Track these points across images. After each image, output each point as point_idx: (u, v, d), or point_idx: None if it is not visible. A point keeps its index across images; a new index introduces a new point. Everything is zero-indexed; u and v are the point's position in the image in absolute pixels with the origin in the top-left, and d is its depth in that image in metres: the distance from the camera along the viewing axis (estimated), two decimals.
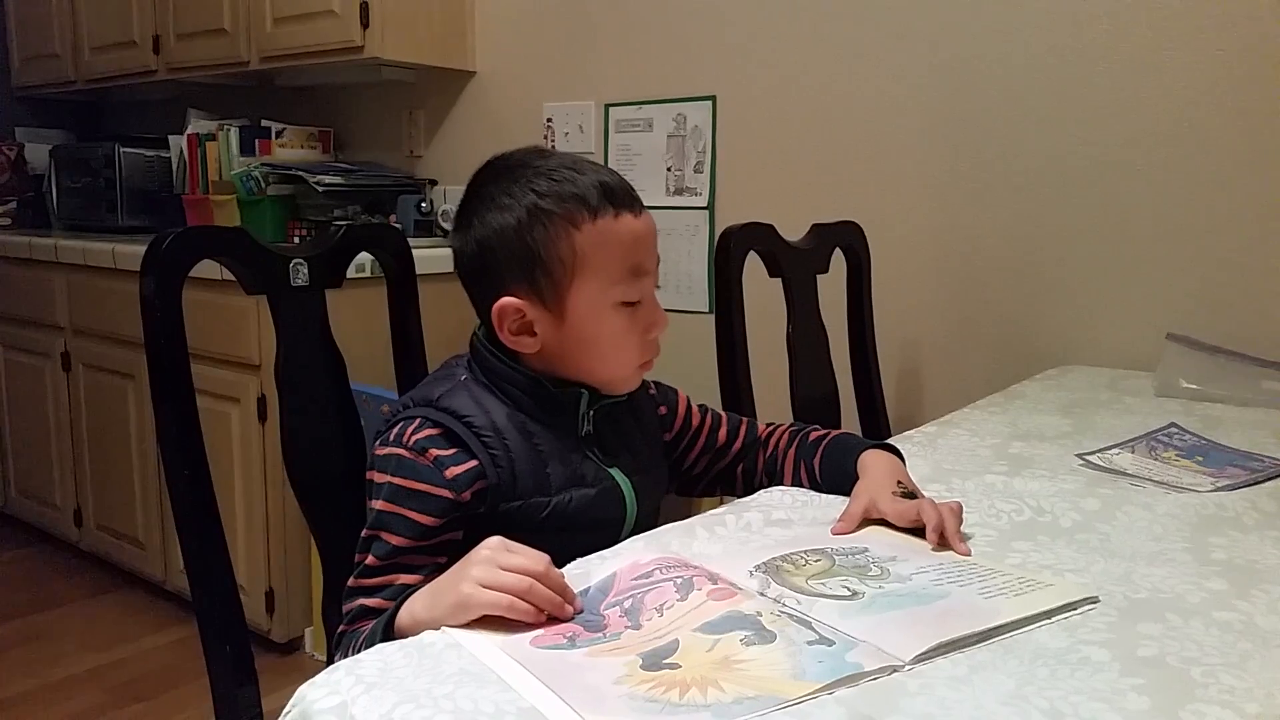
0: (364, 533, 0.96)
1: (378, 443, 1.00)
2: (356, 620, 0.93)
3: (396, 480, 0.95)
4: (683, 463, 1.20)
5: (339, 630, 0.95)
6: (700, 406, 1.22)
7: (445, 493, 0.94)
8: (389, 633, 0.82)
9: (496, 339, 1.02)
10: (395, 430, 0.98)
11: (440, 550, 0.95)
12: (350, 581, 0.96)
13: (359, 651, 0.85)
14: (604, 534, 1.00)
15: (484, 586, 0.77)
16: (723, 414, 1.23)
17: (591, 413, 1.04)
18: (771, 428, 1.22)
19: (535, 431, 1.00)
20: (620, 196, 1.00)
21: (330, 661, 0.95)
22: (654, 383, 1.19)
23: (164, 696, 2.24)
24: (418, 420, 0.98)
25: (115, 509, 2.81)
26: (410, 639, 0.75)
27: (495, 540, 0.81)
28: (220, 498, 1.10)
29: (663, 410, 1.18)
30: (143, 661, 2.41)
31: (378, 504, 0.95)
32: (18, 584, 2.88)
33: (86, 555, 2.98)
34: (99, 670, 2.37)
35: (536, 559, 0.79)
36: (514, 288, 1.00)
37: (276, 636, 2.39)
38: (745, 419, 1.23)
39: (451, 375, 1.04)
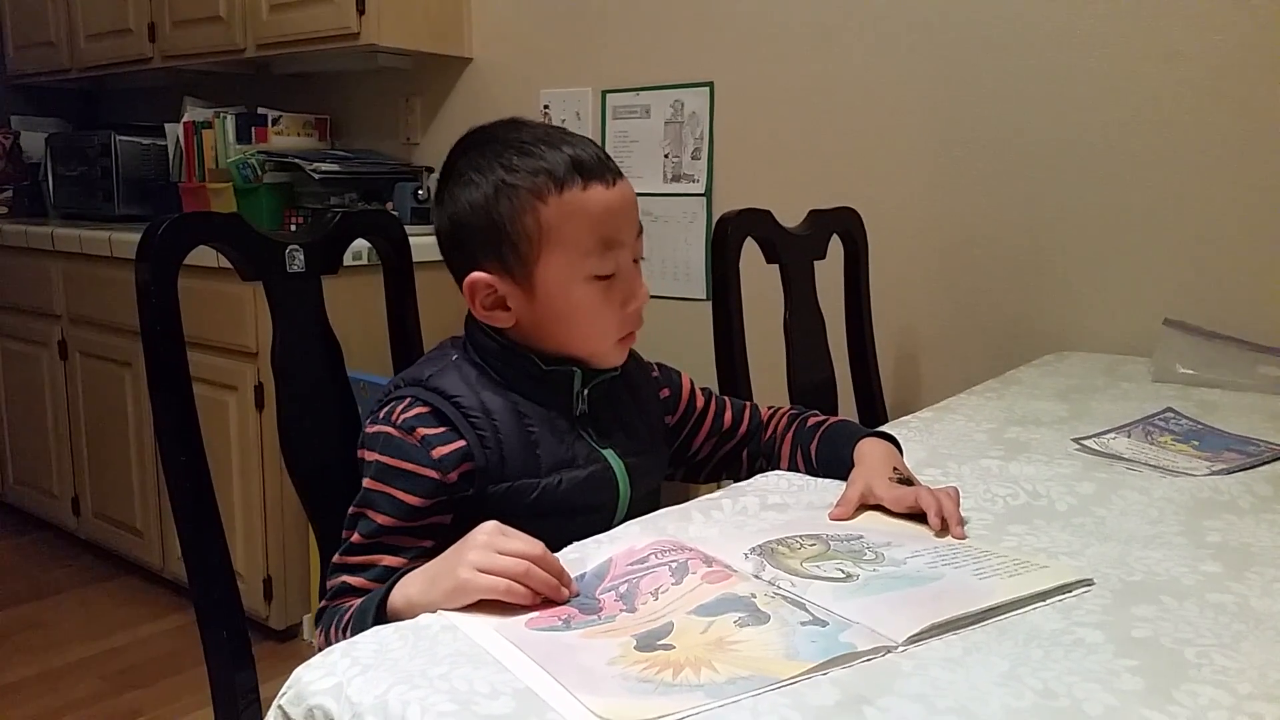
0: (351, 509, 0.96)
1: (368, 420, 1.00)
2: (338, 597, 0.93)
3: (384, 459, 0.95)
4: (688, 447, 1.19)
5: (321, 605, 0.95)
6: (704, 390, 1.21)
7: (432, 473, 0.94)
8: (381, 615, 0.82)
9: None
10: (385, 409, 0.98)
11: (426, 533, 0.94)
12: (335, 557, 0.95)
13: (344, 629, 0.85)
14: (595, 518, 1.00)
15: (480, 571, 0.77)
16: (726, 399, 1.22)
17: (586, 392, 1.03)
18: (772, 411, 1.22)
19: (527, 412, 1.00)
20: (590, 167, 0.97)
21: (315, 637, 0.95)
22: (658, 365, 1.19)
23: (162, 684, 2.25)
24: (407, 399, 0.98)
25: (113, 497, 2.81)
26: (406, 621, 0.75)
27: (491, 525, 0.81)
28: (218, 485, 1.10)
29: (665, 393, 1.17)
30: (140, 649, 2.42)
31: (365, 481, 0.95)
32: (15, 572, 2.88)
33: (84, 543, 2.98)
34: (97, 657, 2.37)
35: (532, 543, 0.79)
36: (484, 263, 0.99)
37: (274, 624, 2.40)
38: (749, 403, 1.23)
39: (444, 355, 1.03)
